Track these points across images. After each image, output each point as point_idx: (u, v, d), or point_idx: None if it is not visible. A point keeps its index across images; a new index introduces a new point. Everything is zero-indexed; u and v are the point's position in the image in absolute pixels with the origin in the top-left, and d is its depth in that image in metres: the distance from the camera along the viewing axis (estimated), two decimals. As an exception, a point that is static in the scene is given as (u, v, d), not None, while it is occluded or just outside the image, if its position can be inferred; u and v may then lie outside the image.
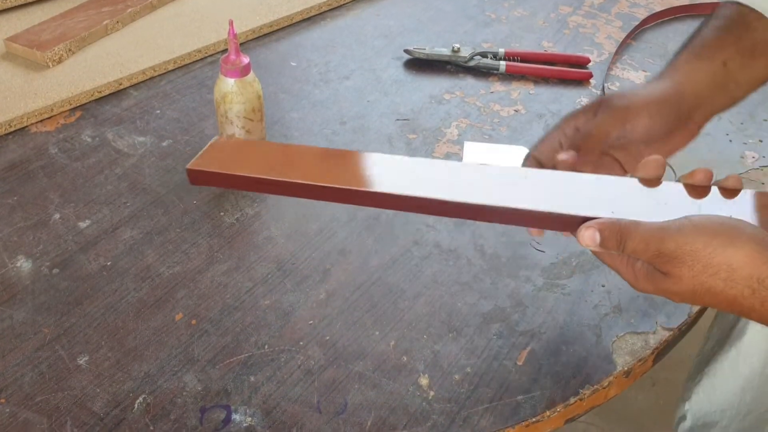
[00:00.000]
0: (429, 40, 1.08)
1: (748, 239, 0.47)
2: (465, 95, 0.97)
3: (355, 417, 0.59)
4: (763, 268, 0.46)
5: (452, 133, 0.90)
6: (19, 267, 0.70)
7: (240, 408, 0.59)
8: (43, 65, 0.95)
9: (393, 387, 0.61)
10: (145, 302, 0.67)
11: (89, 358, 0.62)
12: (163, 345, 0.64)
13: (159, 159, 0.84)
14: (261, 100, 0.81)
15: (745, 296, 0.47)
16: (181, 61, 0.99)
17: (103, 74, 0.94)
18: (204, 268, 0.71)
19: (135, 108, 0.91)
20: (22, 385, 0.60)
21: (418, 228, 0.77)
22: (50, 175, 0.81)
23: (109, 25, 1.02)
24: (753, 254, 0.46)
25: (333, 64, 1.02)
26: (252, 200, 0.79)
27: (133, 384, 0.60)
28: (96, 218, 0.76)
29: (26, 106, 0.88)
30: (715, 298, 0.48)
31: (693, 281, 0.47)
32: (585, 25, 1.13)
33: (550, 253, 0.75)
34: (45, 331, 0.64)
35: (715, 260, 0.46)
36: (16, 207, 0.76)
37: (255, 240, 0.74)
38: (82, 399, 0.59)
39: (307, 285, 0.70)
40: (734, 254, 0.46)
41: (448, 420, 0.59)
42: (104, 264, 0.71)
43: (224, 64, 0.78)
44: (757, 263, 0.46)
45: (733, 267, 0.46)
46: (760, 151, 0.90)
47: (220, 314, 0.66)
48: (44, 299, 0.67)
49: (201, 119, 0.90)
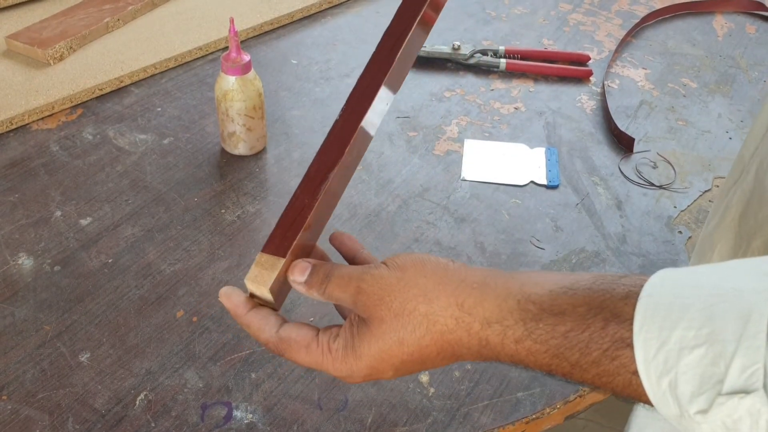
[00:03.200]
0: (429, 38, 1.08)
1: (435, 267, 0.44)
2: (465, 93, 0.97)
3: (355, 414, 0.59)
4: (459, 290, 0.42)
5: (452, 130, 0.90)
6: (20, 264, 0.70)
7: (241, 405, 0.59)
8: (45, 63, 0.95)
9: (393, 384, 0.61)
10: (146, 299, 0.67)
11: (91, 355, 0.62)
12: (164, 342, 0.64)
13: (160, 156, 0.84)
14: (262, 98, 0.81)
15: (450, 329, 0.42)
16: (182, 59, 0.99)
17: (104, 72, 0.94)
18: (205, 265, 0.71)
19: (136, 106, 0.91)
20: (23, 382, 0.60)
21: (419, 225, 0.77)
22: (51, 173, 0.81)
23: (110, 22, 1.02)
24: (444, 280, 0.43)
25: (334, 61, 1.02)
26: (253, 198, 0.79)
27: (135, 381, 0.61)
28: (97, 216, 0.76)
29: (27, 103, 0.88)
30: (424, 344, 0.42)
31: (396, 323, 0.42)
32: (585, 23, 1.14)
33: (550, 250, 0.75)
34: (46, 328, 0.64)
35: (410, 293, 0.43)
36: (17, 204, 0.77)
37: (256, 237, 0.74)
38: (84, 396, 0.59)
39: (308, 282, 0.70)
40: (427, 284, 0.43)
41: (449, 417, 0.59)
42: (105, 261, 0.71)
43: (225, 61, 0.78)
44: (453, 288, 0.42)
45: (429, 298, 0.42)
46: (760, 149, 0.90)
47: (222, 311, 0.67)
48: (46, 296, 0.67)
49: (202, 117, 0.90)
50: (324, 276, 0.45)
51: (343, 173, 0.49)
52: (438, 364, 0.44)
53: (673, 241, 0.77)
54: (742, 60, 1.07)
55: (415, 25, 0.51)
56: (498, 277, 0.43)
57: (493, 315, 0.41)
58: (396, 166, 0.84)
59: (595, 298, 0.39)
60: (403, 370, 0.44)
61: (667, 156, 0.88)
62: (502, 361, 0.42)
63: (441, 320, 0.42)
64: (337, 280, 0.45)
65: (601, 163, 0.86)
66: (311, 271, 0.45)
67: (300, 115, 0.91)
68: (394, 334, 0.43)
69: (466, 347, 0.42)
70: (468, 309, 0.42)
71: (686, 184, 0.84)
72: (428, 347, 0.43)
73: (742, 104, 0.98)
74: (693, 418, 0.34)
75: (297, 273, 0.45)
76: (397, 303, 0.43)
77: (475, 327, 0.41)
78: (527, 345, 0.40)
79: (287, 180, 0.82)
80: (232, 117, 0.80)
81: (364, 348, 0.43)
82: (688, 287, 0.36)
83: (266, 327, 0.46)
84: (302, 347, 0.45)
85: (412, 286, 0.43)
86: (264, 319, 0.46)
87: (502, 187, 0.83)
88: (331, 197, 0.49)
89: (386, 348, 0.43)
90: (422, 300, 0.42)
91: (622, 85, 1.00)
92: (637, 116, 0.94)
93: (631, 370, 0.37)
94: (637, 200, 0.82)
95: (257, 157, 0.84)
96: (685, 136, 0.92)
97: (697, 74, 1.03)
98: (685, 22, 1.16)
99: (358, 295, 0.44)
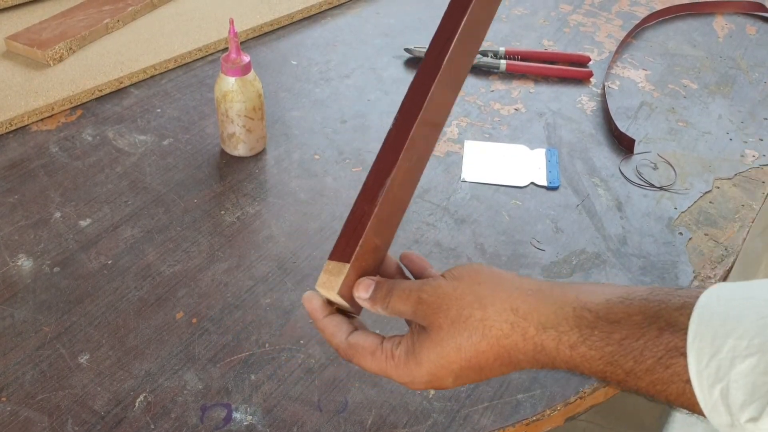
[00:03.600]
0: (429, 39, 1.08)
1: (489, 275, 0.46)
2: (465, 94, 0.97)
3: (355, 415, 0.59)
4: (513, 296, 0.44)
5: (453, 131, 0.90)
6: (20, 266, 0.70)
7: (241, 406, 0.59)
8: (44, 64, 0.95)
9: (393, 385, 0.61)
10: (145, 301, 0.67)
11: (90, 356, 0.62)
12: (163, 343, 0.64)
13: (160, 158, 0.84)
14: (262, 99, 0.81)
15: (506, 333, 0.43)
16: (181, 60, 0.99)
17: (104, 73, 0.94)
18: (205, 266, 0.71)
19: (136, 107, 0.91)
20: (23, 384, 0.60)
21: (419, 227, 0.77)
22: (51, 174, 0.81)
23: (110, 23, 1.02)
24: (498, 287, 0.44)
25: (333, 62, 1.02)
26: (252, 199, 0.79)
27: (134, 382, 0.60)
28: (97, 217, 0.76)
29: (27, 104, 0.88)
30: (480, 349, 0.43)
31: (453, 329, 0.44)
32: (585, 24, 1.13)
33: (550, 251, 0.75)
34: (46, 329, 0.64)
35: (466, 300, 0.44)
36: (17, 206, 0.77)
37: (256, 239, 0.74)
38: (83, 397, 0.59)
39: (308, 283, 0.70)
40: (481, 291, 0.44)
41: (449, 419, 0.59)
42: (105, 263, 0.71)
43: (225, 62, 0.78)
44: (507, 295, 0.44)
45: (484, 304, 0.44)
46: (761, 150, 0.90)
47: (221, 313, 0.66)
48: (45, 298, 0.67)
49: (202, 118, 0.90)
50: (387, 291, 0.47)
51: (405, 178, 0.50)
52: (496, 371, 0.45)
53: (673, 242, 0.77)
54: (742, 61, 1.07)
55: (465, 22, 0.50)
56: (553, 285, 0.45)
57: (548, 320, 0.42)
58: (396, 167, 0.84)
59: (651, 308, 0.40)
60: (462, 378, 0.45)
61: (668, 157, 0.88)
62: (558, 367, 0.43)
63: (496, 325, 0.43)
64: (399, 293, 0.47)
65: (601, 165, 0.86)
66: (375, 288, 0.47)
67: (300, 116, 0.91)
68: (452, 341, 0.44)
69: (522, 352, 0.43)
70: (523, 314, 0.43)
71: (687, 185, 0.84)
72: (485, 353, 0.44)
73: (743, 105, 0.98)
74: (744, 427, 0.35)
75: (362, 290, 0.48)
76: (454, 310, 0.44)
77: (531, 332, 0.43)
78: (582, 351, 0.41)
79: (287, 181, 0.81)
80: (231, 118, 0.80)
81: (424, 354, 0.45)
82: (743, 299, 0.37)
83: (338, 333, 0.49)
84: (368, 353, 0.47)
85: (467, 294, 0.44)
86: (337, 326, 0.49)
87: (502, 188, 0.82)
88: (395, 203, 0.50)
89: (444, 354, 0.44)
90: (477, 306, 0.44)
91: (622, 86, 1.00)
92: (637, 117, 0.94)
93: (684, 378, 0.37)
94: (638, 201, 0.82)
95: (257, 158, 0.84)
96: (685, 137, 0.92)
97: (698, 75, 1.03)
98: (685, 23, 1.15)
99: (418, 305, 0.45)
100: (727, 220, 0.80)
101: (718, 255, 0.75)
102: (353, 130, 0.90)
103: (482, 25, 0.52)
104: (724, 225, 0.79)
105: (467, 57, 0.52)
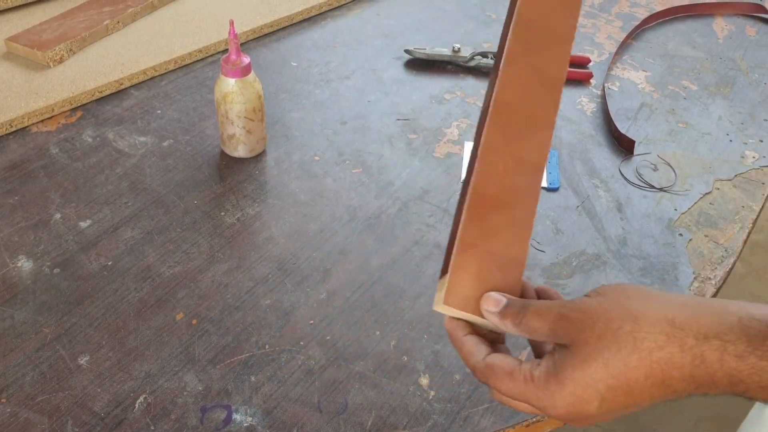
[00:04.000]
0: (429, 40, 1.08)
1: (637, 289, 0.43)
2: (465, 95, 0.97)
3: (355, 417, 0.59)
4: (667, 307, 0.41)
5: (453, 133, 0.90)
6: (20, 267, 0.70)
7: (241, 408, 0.59)
8: (44, 65, 0.95)
9: (393, 387, 0.61)
10: (145, 302, 0.67)
11: (90, 357, 0.62)
12: (163, 345, 0.64)
13: (160, 159, 0.84)
14: (262, 100, 0.81)
15: (660, 345, 0.39)
16: (181, 61, 0.99)
17: (104, 74, 0.94)
18: (205, 267, 0.71)
19: (136, 108, 0.91)
20: (22, 385, 0.60)
21: (419, 228, 0.77)
22: (51, 175, 0.81)
23: (110, 24, 1.02)
24: (648, 300, 0.41)
25: (334, 64, 1.02)
26: (252, 200, 0.79)
27: (134, 384, 0.60)
28: (97, 218, 0.76)
29: (27, 105, 0.88)
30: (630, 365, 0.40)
31: (600, 344, 0.40)
32: (585, 25, 1.13)
33: (551, 252, 0.75)
34: (46, 330, 0.64)
35: (613, 314, 0.41)
36: (17, 207, 0.77)
37: (256, 240, 0.74)
38: (83, 399, 0.59)
39: (308, 285, 0.70)
40: (630, 303, 0.41)
41: (449, 420, 0.59)
42: (105, 264, 0.71)
43: (225, 64, 0.78)
44: (660, 306, 0.41)
45: (635, 316, 0.40)
46: (761, 151, 0.90)
47: (221, 314, 0.66)
48: (45, 299, 0.67)
49: (201, 119, 0.90)
50: (521, 307, 0.44)
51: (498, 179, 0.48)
52: (646, 393, 0.40)
53: (673, 243, 0.77)
54: (742, 62, 1.07)
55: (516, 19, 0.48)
56: (711, 299, 0.42)
57: (710, 330, 0.39)
58: (396, 169, 0.84)
59: None
60: (609, 401, 0.41)
61: (668, 158, 0.88)
62: (717, 384, 0.39)
63: (649, 337, 0.40)
64: (535, 309, 0.43)
65: (601, 166, 0.86)
66: (507, 303, 0.44)
67: (300, 117, 0.91)
68: (598, 356, 0.40)
69: (678, 367, 0.39)
70: (680, 324, 0.40)
71: (687, 186, 0.84)
72: (635, 369, 0.40)
73: (743, 106, 0.98)
74: None
75: (491, 304, 0.45)
76: (600, 324, 0.41)
77: (689, 342, 0.39)
78: (752, 362, 0.38)
79: (287, 182, 0.81)
80: (231, 119, 0.80)
81: (566, 373, 0.41)
82: None
83: (476, 353, 0.46)
84: (506, 375, 0.44)
85: (615, 307, 0.41)
86: (475, 345, 0.46)
87: (502, 189, 0.82)
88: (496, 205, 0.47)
89: (590, 372, 0.41)
90: (627, 318, 0.41)
91: (622, 88, 1.00)
92: (637, 118, 0.94)
93: None
94: (638, 202, 0.82)
95: (257, 160, 0.84)
96: (685, 138, 0.92)
97: (698, 76, 1.03)
98: (685, 25, 1.16)
99: (559, 321, 0.42)
100: (727, 222, 0.80)
101: (718, 256, 0.75)
102: (353, 131, 0.90)
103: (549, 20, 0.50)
104: (724, 226, 0.79)
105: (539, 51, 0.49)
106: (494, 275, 0.46)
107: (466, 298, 0.45)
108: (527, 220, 0.47)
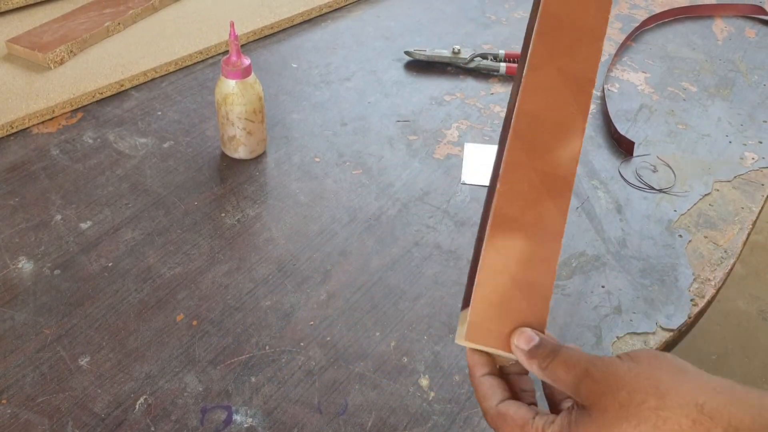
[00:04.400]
0: (429, 42, 1.08)
1: (671, 362, 0.40)
2: (465, 97, 0.97)
3: (355, 418, 0.59)
4: (699, 390, 0.38)
5: (453, 134, 0.90)
6: (20, 268, 0.70)
7: (241, 409, 0.59)
8: (45, 67, 0.95)
9: (393, 388, 0.61)
10: (146, 303, 0.67)
11: (90, 358, 0.62)
12: (164, 346, 0.64)
13: (160, 160, 0.84)
14: (262, 102, 0.81)
15: (684, 430, 0.37)
16: (182, 63, 0.99)
17: (105, 76, 0.94)
18: (205, 269, 0.71)
19: (136, 109, 0.92)
20: (23, 386, 0.60)
21: (419, 229, 0.77)
22: (52, 177, 0.81)
23: (111, 26, 1.03)
24: (681, 376, 0.39)
25: (334, 65, 1.02)
26: (253, 201, 0.79)
27: (135, 385, 0.60)
28: (97, 219, 0.76)
29: (28, 107, 0.88)
30: None
31: (620, 414, 0.39)
32: (585, 27, 1.14)
33: (551, 254, 0.75)
34: (46, 331, 0.64)
35: (640, 384, 0.39)
36: (17, 208, 0.77)
37: (256, 241, 0.74)
38: (84, 400, 0.59)
39: (308, 286, 0.70)
40: (661, 377, 0.39)
41: (449, 421, 0.59)
42: (105, 265, 0.71)
43: (225, 65, 0.78)
44: (691, 387, 0.38)
45: (662, 391, 0.38)
46: (760, 153, 0.90)
47: (221, 315, 0.66)
48: (45, 300, 0.67)
49: (202, 121, 0.90)
50: (550, 351, 0.42)
51: (520, 201, 0.45)
52: None
53: (673, 244, 0.77)
54: (741, 63, 1.07)
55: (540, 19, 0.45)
56: (749, 388, 0.39)
57: (743, 423, 0.37)
58: (396, 170, 0.84)
59: None
60: None
61: (667, 159, 0.88)
62: None
63: (673, 418, 0.38)
64: (565, 357, 0.42)
65: (601, 167, 0.86)
66: (538, 343, 0.43)
67: (300, 119, 0.91)
68: (616, 427, 0.39)
69: None
70: (709, 412, 0.37)
71: (686, 187, 0.84)
72: None
73: (742, 108, 0.98)
74: None
75: (523, 340, 0.43)
76: (624, 393, 0.39)
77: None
78: None
79: (287, 183, 0.82)
80: (232, 121, 0.81)
81: None
82: None
83: (490, 397, 0.45)
84: (517, 426, 0.43)
85: (643, 378, 0.39)
86: (491, 389, 0.45)
87: (502, 190, 0.82)
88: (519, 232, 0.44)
89: None
90: (653, 393, 0.38)
91: (622, 89, 1.00)
92: (637, 120, 0.94)
93: None
94: (637, 204, 0.82)
95: (257, 161, 0.84)
96: (685, 139, 0.92)
97: (697, 78, 1.03)
98: (684, 26, 1.16)
99: (584, 378, 0.40)
100: (726, 223, 0.80)
101: (717, 257, 0.76)
102: (353, 132, 0.90)
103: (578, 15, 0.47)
104: (723, 227, 0.79)
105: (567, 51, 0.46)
106: (519, 305, 0.43)
107: (489, 332, 0.43)
108: (555, 242, 0.44)
